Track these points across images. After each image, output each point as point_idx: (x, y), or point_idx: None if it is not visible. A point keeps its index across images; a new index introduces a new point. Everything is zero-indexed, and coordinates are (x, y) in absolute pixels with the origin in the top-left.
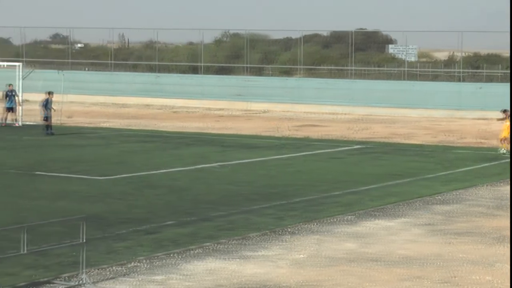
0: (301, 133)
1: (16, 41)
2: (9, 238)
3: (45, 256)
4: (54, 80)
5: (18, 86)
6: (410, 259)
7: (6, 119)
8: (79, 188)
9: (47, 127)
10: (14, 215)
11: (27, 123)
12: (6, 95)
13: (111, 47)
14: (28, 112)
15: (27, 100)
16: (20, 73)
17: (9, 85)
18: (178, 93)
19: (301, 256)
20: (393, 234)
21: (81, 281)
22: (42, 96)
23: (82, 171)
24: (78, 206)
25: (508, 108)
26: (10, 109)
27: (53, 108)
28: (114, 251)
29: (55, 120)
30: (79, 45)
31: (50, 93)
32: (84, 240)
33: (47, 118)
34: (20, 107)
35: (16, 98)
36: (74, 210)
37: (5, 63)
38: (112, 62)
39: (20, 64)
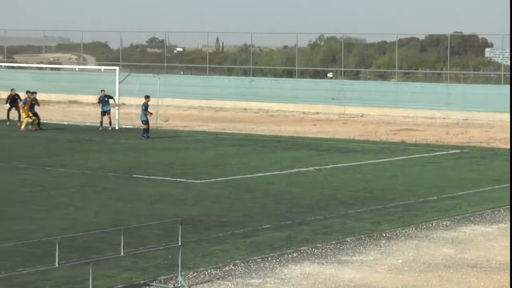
0: (397, 137)
1: (114, 45)
2: (108, 240)
3: (143, 258)
4: (150, 84)
5: (115, 90)
6: (509, 265)
7: (102, 123)
8: (176, 191)
9: (144, 130)
10: (113, 218)
11: (124, 126)
12: (100, 100)
13: (206, 51)
14: (125, 115)
15: (123, 104)
16: (117, 77)
17: (102, 90)
18: (272, 96)
19: (399, 261)
20: (491, 240)
21: (177, 284)
22: (139, 100)
23: (178, 174)
24: (174, 209)
25: None
26: (105, 113)
27: (149, 112)
28: (210, 254)
29: (151, 123)
30: (178, 49)
31: (146, 96)
32: (181, 243)
33: (145, 122)
34: (117, 111)
35: (111, 101)
36: (170, 213)
37: (103, 67)
38: (207, 66)
39: (117, 68)
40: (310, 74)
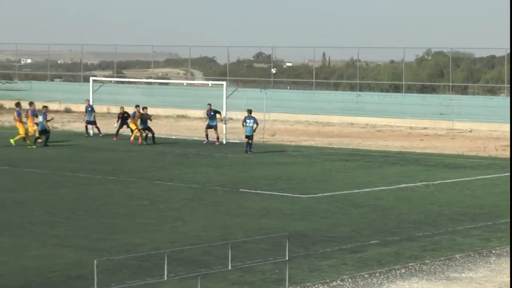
0: (507, 153)
1: (221, 60)
2: (215, 254)
3: (250, 272)
4: (257, 98)
5: (222, 104)
6: None
7: (207, 136)
8: (282, 206)
9: (248, 144)
10: (220, 232)
11: (231, 141)
12: (207, 115)
13: (312, 65)
14: (232, 130)
15: (230, 119)
16: (225, 92)
17: (208, 104)
18: (379, 111)
19: (509, 279)
20: None
21: None
22: (246, 115)
23: (285, 188)
24: (281, 223)
25: None
26: (212, 127)
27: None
28: (317, 269)
29: (258, 138)
30: (287, 64)
31: (249, 111)
32: (288, 258)
33: (249, 137)
34: (224, 125)
35: (218, 116)
36: (277, 227)
37: (210, 82)
38: (314, 80)
39: (225, 83)
40: (417, 89)
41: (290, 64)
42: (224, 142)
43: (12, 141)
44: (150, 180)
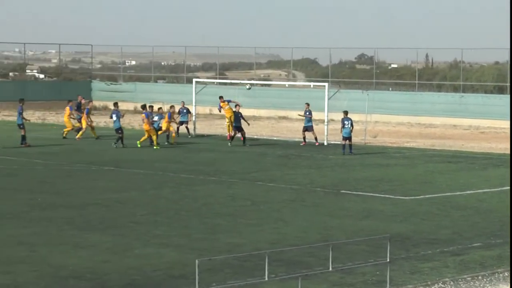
0: None
1: (323, 61)
2: (316, 255)
3: (351, 274)
4: (358, 100)
5: (324, 106)
6: None
7: (305, 138)
8: (384, 208)
9: (346, 146)
10: (321, 233)
11: (333, 142)
12: (305, 115)
13: (415, 67)
14: (334, 131)
15: (332, 120)
16: (326, 93)
17: (307, 104)
18: (483, 113)
19: None
20: None
21: None
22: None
23: (386, 190)
24: (382, 225)
25: None
26: (307, 128)
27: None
28: (419, 271)
29: (359, 139)
30: (392, 65)
31: (345, 112)
32: (389, 260)
33: (346, 138)
34: (325, 126)
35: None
36: (378, 229)
37: (312, 83)
38: (417, 82)
39: (327, 84)
40: None
41: (395, 66)
42: (325, 143)
43: (138, 143)
44: (251, 181)
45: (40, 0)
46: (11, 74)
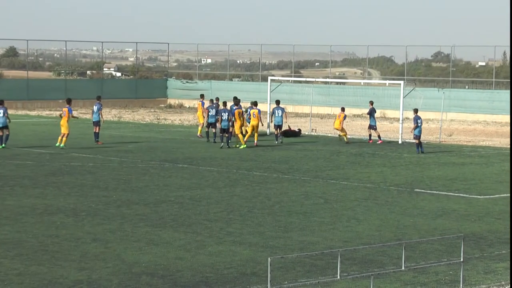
0: None
1: (399, 59)
2: (389, 254)
3: (423, 273)
4: (434, 98)
5: (399, 104)
6: None
7: (370, 136)
8: (458, 207)
9: (417, 144)
10: (394, 232)
11: (407, 140)
12: (369, 114)
13: (492, 65)
14: (408, 129)
15: (407, 118)
16: (402, 91)
17: (370, 102)
18: None
19: None
20: None
21: None
22: (422, 115)
23: (461, 189)
24: (456, 224)
25: None
26: (371, 127)
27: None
28: (493, 271)
29: (434, 138)
30: (480, 63)
31: (415, 110)
32: (463, 259)
33: (417, 136)
34: (400, 125)
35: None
36: (452, 228)
37: (388, 81)
38: (494, 80)
39: (402, 82)
40: None
41: (483, 64)
42: (400, 142)
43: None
44: (325, 179)
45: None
46: (88, 72)
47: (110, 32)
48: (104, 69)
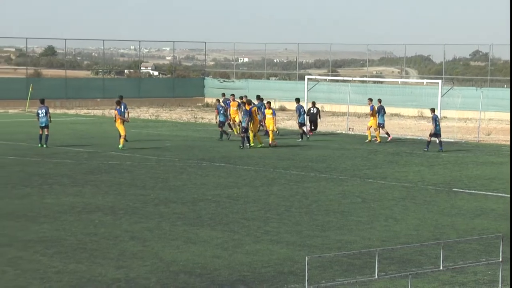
0: None
1: (437, 58)
2: (427, 253)
3: (462, 273)
4: (472, 97)
5: (437, 103)
6: None
7: (388, 133)
8: (497, 206)
9: (440, 143)
10: (432, 231)
11: (445, 140)
12: (378, 111)
13: None
14: (446, 129)
15: (444, 117)
16: (440, 90)
17: (379, 100)
18: None
19: None
20: None
21: None
22: (460, 114)
23: (499, 189)
24: (495, 224)
25: None
26: (380, 125)
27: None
28: None
29: (473, 137)
30: None
31: (432, 109)
32: (501, 259)
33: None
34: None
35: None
36: (491, 228)
37: (425, 80)
38: None
39: (440, 81)
40: None
41: None
42: (437, 141)
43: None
44: (362, 178)
45: None
46: (126, 71)
47: (148, 31)
48: (142, 68)
